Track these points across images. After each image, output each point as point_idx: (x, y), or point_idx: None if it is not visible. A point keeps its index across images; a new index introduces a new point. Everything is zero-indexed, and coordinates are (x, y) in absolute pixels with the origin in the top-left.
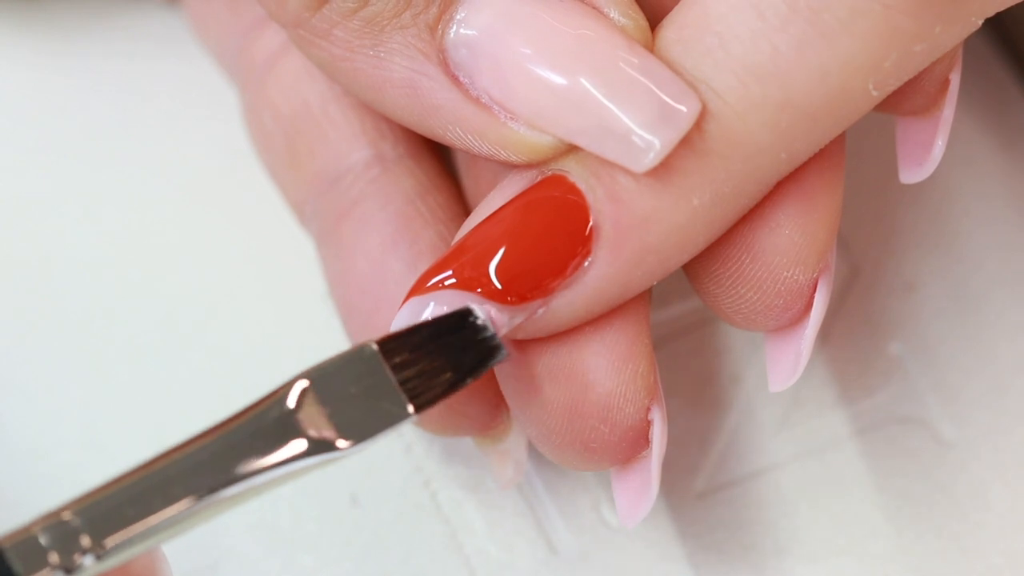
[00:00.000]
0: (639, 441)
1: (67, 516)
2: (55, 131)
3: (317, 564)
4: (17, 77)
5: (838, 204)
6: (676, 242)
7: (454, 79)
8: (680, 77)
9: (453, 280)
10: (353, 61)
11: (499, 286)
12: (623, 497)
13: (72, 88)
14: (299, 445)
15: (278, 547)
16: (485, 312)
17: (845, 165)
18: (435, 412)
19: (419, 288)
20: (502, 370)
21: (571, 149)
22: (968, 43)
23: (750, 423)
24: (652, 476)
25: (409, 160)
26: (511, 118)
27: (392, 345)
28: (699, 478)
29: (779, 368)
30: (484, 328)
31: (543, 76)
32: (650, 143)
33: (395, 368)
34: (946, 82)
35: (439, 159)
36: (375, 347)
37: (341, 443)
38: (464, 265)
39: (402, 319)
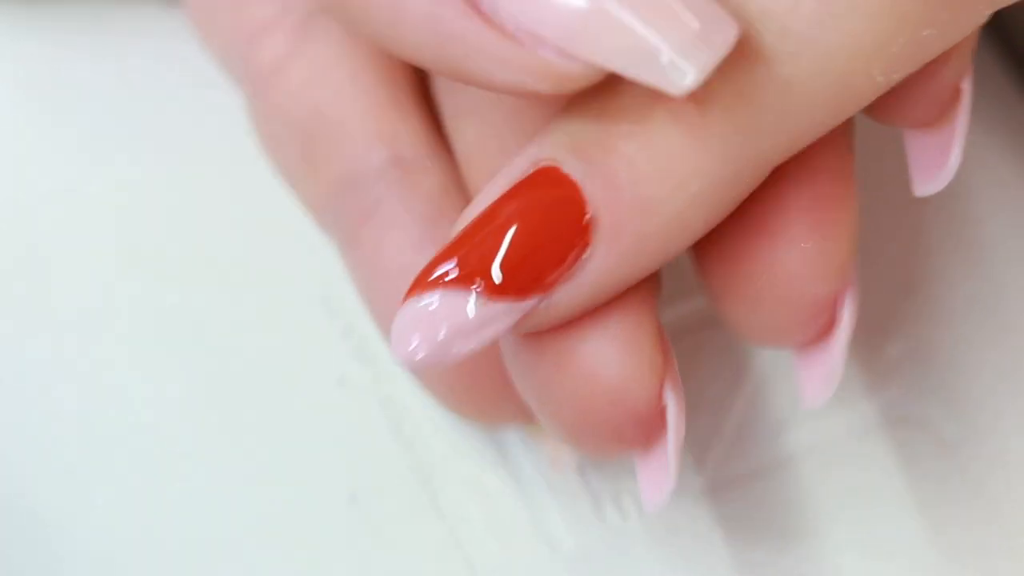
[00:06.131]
0: (655, 424)
1: None
2: (55, 129)
3: (317, 564)
4: (17, 76)
5: (854, 215)
6: (676, 228)
7: (475, 7)
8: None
9: (451, 276)
10: None
11: (498, 280)
12: (643, 482)
13: (72, 87)
14: None
15: (277, 547)
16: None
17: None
18: (482, 402)
19: (419, 284)
20: (513, 370)
21: (565, 130)
22: None
23: (751, 424)
24: (669, 460)
25: (428, 160)
26: (539, 44)
27: None
28: (699, 478)
29: (811, 385)
30: None
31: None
32: (686, 67)
33: None
34: (958, 91)
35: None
36: None
37: None
38: (461, 261)
39: (402, 321)
